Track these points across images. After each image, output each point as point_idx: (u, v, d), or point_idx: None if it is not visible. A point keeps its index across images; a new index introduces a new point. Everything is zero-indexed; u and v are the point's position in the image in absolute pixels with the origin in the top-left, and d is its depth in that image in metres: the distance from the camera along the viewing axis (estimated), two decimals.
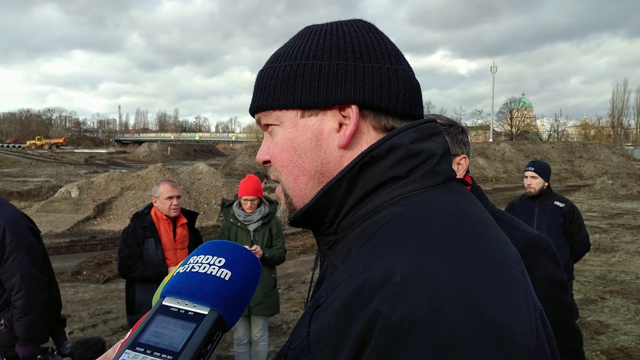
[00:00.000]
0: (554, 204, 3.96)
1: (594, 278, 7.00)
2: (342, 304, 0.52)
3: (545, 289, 1.25)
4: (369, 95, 0.64)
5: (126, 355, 0.53)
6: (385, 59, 0.66)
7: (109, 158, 46.72)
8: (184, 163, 38.56)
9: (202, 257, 0.61)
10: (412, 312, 0.46)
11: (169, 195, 3.38)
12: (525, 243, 1.26)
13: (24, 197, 17.20)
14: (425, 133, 0.66)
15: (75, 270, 8.01)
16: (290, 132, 0.67)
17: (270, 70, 0.68)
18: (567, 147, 32.92)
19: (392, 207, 0.60)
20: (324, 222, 0.67)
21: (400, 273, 0.49)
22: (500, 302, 0.48)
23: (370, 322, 0.47)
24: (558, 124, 68.71)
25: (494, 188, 21.79)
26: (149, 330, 0.54)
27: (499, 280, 0.50)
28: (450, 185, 0.65)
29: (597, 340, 4.75)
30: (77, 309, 5.93)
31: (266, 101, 0.68)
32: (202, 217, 13.13)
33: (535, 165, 4.02)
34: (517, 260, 0.56)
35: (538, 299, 0.55)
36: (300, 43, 0.68)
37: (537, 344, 0.47)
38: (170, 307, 0.56)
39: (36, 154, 48.54)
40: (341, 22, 0.70)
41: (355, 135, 0.65)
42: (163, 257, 3.34)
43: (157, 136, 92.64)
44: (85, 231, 11.96)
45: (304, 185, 0.67)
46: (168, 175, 14.59)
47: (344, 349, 0.50)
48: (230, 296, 0.57)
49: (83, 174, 25.74)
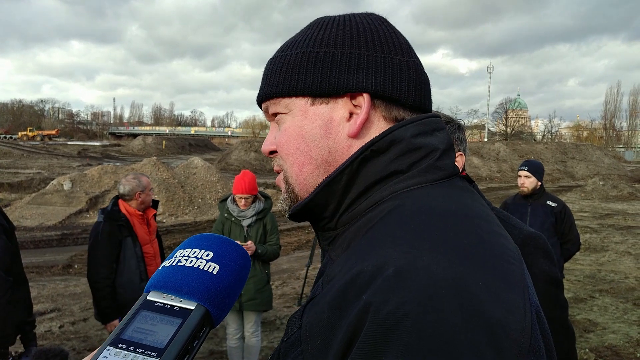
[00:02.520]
0: (546, 203, 4.00)
1: (584, 277, 7.07)
2: (334, 296, 0.51)
3: (542, 286, 1.26)
4: (381, 85, 0.63)
5: (107, 352, 0.50)
6: (398, 50, 0.66)
7: (103, 151, 46.40)
8: (179, 157, 38.40)
9: (189, 251, 0.59)
10: (404, 304, 0.45)
11: (151, 188, 3.41)
12: (522, 241, 1.27)
13: (15, 189, 17.06)
14: (428, 128, 0.65)
15: (66, 264, 7.97)
16: (300, 119, 0.66)
17: (281, 58, 0.67)
18: (560, 148, 33.15)
19: (391, 201, 0.60)
20: (323, 217, 0.65)
21: (393, 265, 0.48)
22: (495, 297, 0.47)
23: (361, 314, 0.47)
24: (552, 125, 69.14)
25: (488, 187, 21.90)
26: (132, 326, 0.52)
27: (495, 275, 0.49)
28: (452, 181, 0.63)
29: (586, 338, 4.81)
30: (68, 302, 5.90)
31: (276, 88, 0.67)
32: (197, 212, 13.09)
33: (529, 165, 4.05)
34: (516, 257, 0.55)
35: (536, 296, 0.54)
36: (312, 32, 0.67)
37: (532, 340, 0.46)
38: (155, 302, 0.54)
39: (28, 145, 48.08)
40: (353, 14, 0.69)
41: (365, 124, 0.64)
42: (142, 254, 3.30)
43: (152, 129, 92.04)
44: (77, 224, 11.89)
45: (309, 174, 0.66)
46: (162, 169, 14.52)
47: (336, 340, 0.49)
48: (218, 291, 0.55)
49: (76, 167, 25.56)
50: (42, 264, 7.98)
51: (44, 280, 6.97)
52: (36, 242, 9.91)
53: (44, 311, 5.53)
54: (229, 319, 3.76)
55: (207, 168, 15.16)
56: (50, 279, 7.13)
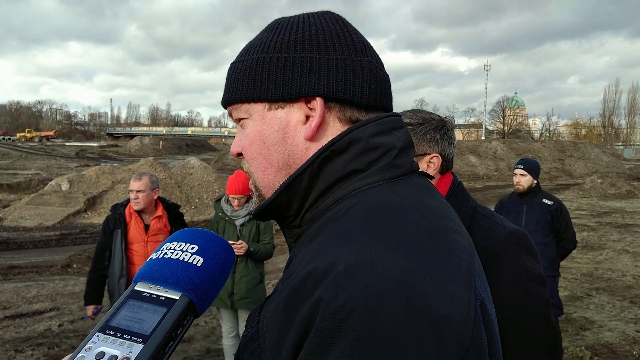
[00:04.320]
0: (542, 201, 4.02)
1: (581, 275, 7.10)
2: (289, 292, 0.53)
3: (524, 283, 1.26)
4: (334, 88, 0.65)
5: (96, 337, 0.53)
6: (351, 50, 0.67)
7: (100, 151, 46.36)
8: (176, 157, 38.36)
9: (175, 244, 0.62)
10: (352, 299, 0.47)
11: (130, 189, 3.48)
12: (505, 237, 1.27)
13: (14, 190, 17.04)
14: (386, 127, 0.66)
15: (65, 263, 7.98)
16: (259, 124, 0.68)
17: (240, 64, 0.69)
18: (558, 146, 33.20)
19: (350, 199, 0.62)
20: (288, 215, 0.67)
21: (344, 262, 0.50)
22: (441, 290, 0.49)
23: (313, 310, 0.49)
24: (550, 123, 69.23)
25: (485, 186, 21.94)
26: (120, 314, 0.55)
27: (443, 269, 0.51)
28: (410, 178, 0.65)
29: (582, 336, 4.83)
30: (67, 301, 5.91)
31: (235, 94, 0.69)
32: (194, 212, 13.10)
33: (525, 163, 4.07)
34: (467, 251, 0.57)
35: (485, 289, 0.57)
36: (267, 36, 0.69)
37: (474, 332, 0.49)
38: (142, 292, 0.57)
39: (26, 146, 48.01)
40: (309, 15, 0.70)
41: (321, 127, 0.65)
42: (126, 249, 3.44)
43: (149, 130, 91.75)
44: (75, 224, 11.89)
45: (272, 177, 0.68)
46: (159, 170, 14.52)
47: (290, 335, 0.51)
48: (202, 282, 0.58)
49: (74, 167, 25.53)
50: (42, 264, 7.99)
51: (43, 280, 6.98)
52: (35, 242, 9.91)
53: (43, 310, 5.55)
54: (224, 317, 3.78)
55: (203, 168, 15.17)
56: (49, 278, 7.14)
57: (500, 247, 1.26)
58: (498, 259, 1.25)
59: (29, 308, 5.63)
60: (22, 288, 6.43)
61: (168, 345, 0.54)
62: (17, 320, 5.23)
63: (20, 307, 5.68)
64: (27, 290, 6.34)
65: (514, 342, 1.28)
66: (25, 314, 5.41)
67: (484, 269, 1.25)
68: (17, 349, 4.43)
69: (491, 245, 1.26)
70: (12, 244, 9.73)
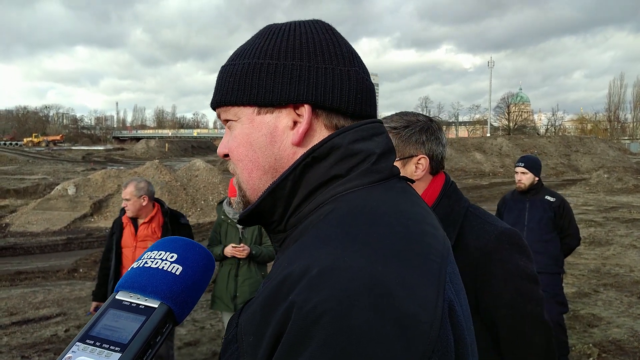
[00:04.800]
0: (544, 198, 3.99)
1: (588, 271, 7.05)
2: (265, 296, 0.55)
3: (516, 282, 1.27)
4: (321, 96, 0.67)
5: (76, 347, 0.54)
6: (340, 60, 0.69)
7: (107, 155, 46.63)
8: (182, 159, 38.52)
9: (155, 253, 0.63)
10: (323, 302, 0.49)
11: (122, 197, 3.56)
12: (496, 237, 1.28)
13: (21, 195, 17.17)
14: (366, 134, 0.68)
15: (71, 268, 8.02)
16: (247, 127, 0.69)
17: (230, 67, 0.71)
18: (563, 141, 33.00)
19: (331, 204, 0.64)
20: (272, 221, 0.69)
21: (317, 266, 0.52)
22: (409, 293, 0.51)
23: (286, 313, 0.51)
24: (555, 118, 68.75)
25: (491, 183, 21.83)
26: (101, 324, 0.57)
27: (413, 272, 0.53)
28: (389, 183, 0.67)
29: (590, 333, 4.79)
30: (74, 306, 5.95)
31: (225, 97, 0.71)
32: (199, 214, 13.14)
33: (525, 161, 4.03)
34: (439, 254, 0.58)
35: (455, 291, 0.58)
36: (259, 42, 0.70)
37: (441, 332, 0.51)
38: (123, 301, 0.59)
39: (33, 151, 48.37)
40: (300, 23, 0.72)
41: (308, 133, 0.68)
42: (119, 254, 3.59)
43: (155, 133, 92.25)
44: (82, 228, 11.97)
45: (258, 180, 0.70)
46: (165, 172, 14.59)
47: (265, 337, 0.53)
48: (181, 290, 0.60)
49: (80, 171, 25.70)
50: (48, 269, 8.04)
51: (50, 285, 7.02)
52: (42, 247, 9.99)
53: (49, 315, 5.58)
54: (226, 320, 3.78)
55: (209, 170, 15.21)
56: (55, 283, 7.18)
57: (492, 247, 1.27)
58: (490, 258, 1.26)
59: (35, 314, 5.67)
60: (29, 294, 6.48)
61: (146, 354, 0.55)
62: (24, 326, 5.27)
63: (27, 312, 5.73)
64: (34, 295, 6.38)
65: (508, 341, 1.28)
66: (31, 320, 5.45)
67: (476, 268, 1.27)
68: (24, 355, 4.46)
69: (483, 245, 1.27)
70: (19, 249, 9.81)
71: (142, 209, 3.51)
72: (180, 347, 4.59)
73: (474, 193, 16.76)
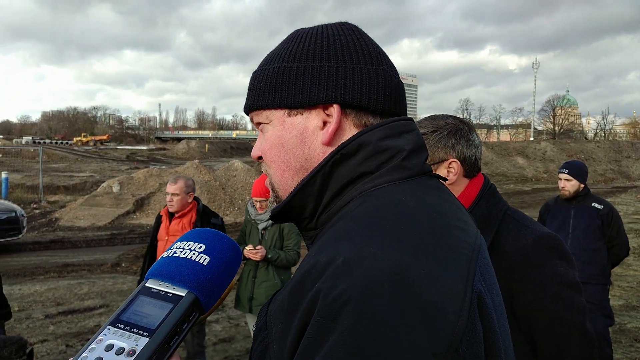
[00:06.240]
0: (591, 205, 3.77)
1: (637, 283, 6.68)
2: (293, 285, 0.57)
3: (556, 288, 1.21)
4: (350, 95, 0.68)
5: (107, 330, 0.57)
6: (367, 59, 0.70)
7: (149, 154, 48.25)
8: (221, 160, 39.32)
9: (184, 243, 0.65)
10: (348, 289, 0.50)
11: (166, 191, 3.73)
12: (535, 240, 1.23)
13: (70, 192, 18.04)
14: (395, 131, 0.69)
15: (114, 262, 8.35)
16: (279, 129, 0.71)
17: (261, 72, 0.73)
18: (614, 147, 31.43)
19: (360, 199, 0.64)
20: (304, 218, 0.70)
21: (343, 256, 0.53)
22: (435, 283, 0.51)
23: (313, 300, 0.52)
24: (605, 122, 65.60)
25: (534, 188, 21.06)
26: (131, 309, 0.59)
27: (439, 263, 0.54)
28: (419, 179, 0.67)
29: (637, 347, 4.54)
30: (116, 299, 6.19)
31: (257, 101, 0.73)
32: (237, 213, 13.37)
33: (570, 167, 3.78)
34: (469, 247, 0.59)
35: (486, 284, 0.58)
36: (288, 46, 0.72)
37: (469, 322, 0.51)
38: (152, 289, 0.61)
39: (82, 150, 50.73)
40: (327, 25, 0.74)
41: (337, 132, 0.69)
42: (154, 246, 3.80)
43: (195, 134, 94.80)
44: (125, 224, 12.42)
45: (290, 180, 0.72)
46: (204, 172, 14.94)
47: (293, 324, 0.54)
48: (207, 280, 0.61)
49: (124, 170, 26.70)
50: (93, 262, 8.39)
51: (94, 278, 7.33)
52: (88, 241, 10.44)
53: (93, 307, 5.83)
54: (248, 320, 3.86)
55: (246, 170, 15.46)
56: (99, 276, 7.49)
57: (529, 251, 1.22)
58: (527, 263, 1.22)
59: (80, 304, 5.93)
60: (75, 285, 6.78)
61: (173, 340, 0.57)
62: (69, 316, 5.52)
63: (73, 303, 6.00)
64: (80, 287, 6.68)
65: (547, 349, 1.23)
66: (76, 310, 5.70)
67: (513, 272, 1.23)
68: (68, 344, 4.67)
69: (520, 249, 1.23)
70: (67, 242, 10.28)
71: (186, 205, 3.65)
72: (215, 343, 4.68)
73: (515, 199, 16.27)
